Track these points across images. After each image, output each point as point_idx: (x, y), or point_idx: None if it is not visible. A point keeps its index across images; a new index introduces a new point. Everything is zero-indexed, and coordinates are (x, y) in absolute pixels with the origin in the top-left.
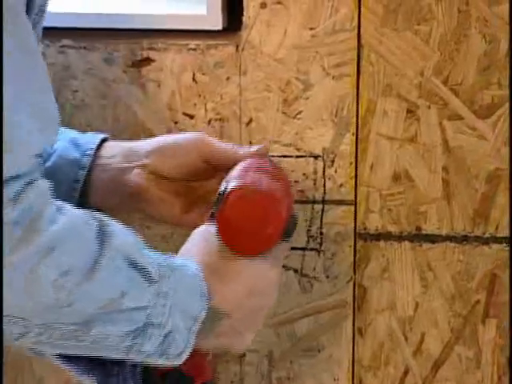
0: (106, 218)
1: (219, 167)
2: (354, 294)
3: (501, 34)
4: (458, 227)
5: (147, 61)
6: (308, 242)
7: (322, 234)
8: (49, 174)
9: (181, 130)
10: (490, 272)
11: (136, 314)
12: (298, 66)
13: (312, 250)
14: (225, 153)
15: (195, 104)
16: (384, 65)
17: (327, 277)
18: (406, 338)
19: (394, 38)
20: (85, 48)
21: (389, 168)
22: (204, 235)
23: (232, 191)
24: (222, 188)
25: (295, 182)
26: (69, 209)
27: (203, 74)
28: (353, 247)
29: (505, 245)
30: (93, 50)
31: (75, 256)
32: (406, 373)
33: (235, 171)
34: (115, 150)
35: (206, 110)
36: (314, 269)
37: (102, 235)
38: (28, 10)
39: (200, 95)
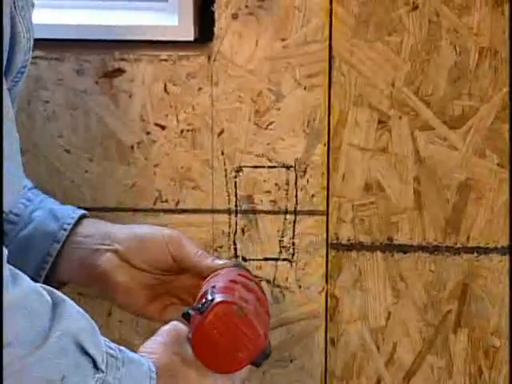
0: (63, 297)
1: (188, 269)
2: (326, 305)
3: (471, 45)
4: (430, 237)
5: (118, 72)
6: (280, 252)
7: (294, 244)
8: (24, 243)
9: (153, 141)
10: (462, 282)
11: None
12: (269, 76)
13: (284, 260)
14: (195, 258)
15: (167, 115)
16: (355, 75)
17: (299, 287)
18: (378, 348)
19: (365, 48)
20: (56, 59)
21: (360, 178)
22: (173, 336)
23: (219, 303)
24: (209, 297)
25: (267, 192)
26: (24, 279)
27: (175, 84)
28: (325, 257)
29: (476, 254)
30: (64, 61)
31: (22, 329)
32: (378, 383)
33: (222, 280)
34: (92, 229)
35: (177, 121)
36: (287, 279)
37: (54, 313)
38: (7, 73)
39: (172, 106)
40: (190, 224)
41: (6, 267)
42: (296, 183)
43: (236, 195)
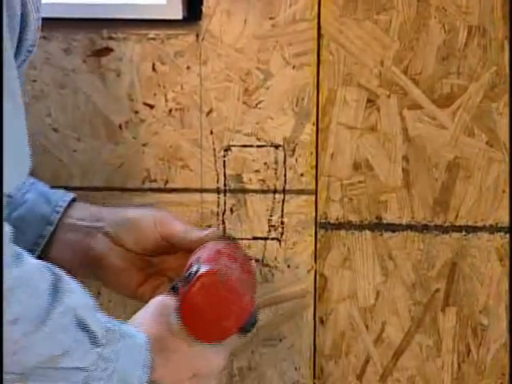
0: (63, 274)
1: (178, 246)
2: (315, 284)
3: (460, 24)
4: (419, 216)
5: (106, 50)
6: (269, 231)
7: (283, 223)
8: (16, 224)
9: (142, 120)
10: (450, 261)
11: (74, 375)
12: (258, 55)
13: (273, 239)
14: (183, 234)
15: (155, 94)
16: (344, 54)
17: (288, 266)
18: (367, 327)
19: (354, 27)
20: (44, 38)
21: (349, 157)
22: (161, 308)
23: (203, 274)
24: (194, 268)
25: (256, 171)
26: (27, 257)
27: (163, 63)
28: (314, 236)
29: (464, 233)
30: (52, 40)
31: (27, 306)
32: (366, 361)
33: (207, 252)
34: (83, 212)
35: (166, 100)
36: (275, 258)
37: (56, 290)
38: (17, 53)
39: (160, 85)
40: (179, 203)
41: (11, 246)
42: (285, 162)
43: (225, 174)
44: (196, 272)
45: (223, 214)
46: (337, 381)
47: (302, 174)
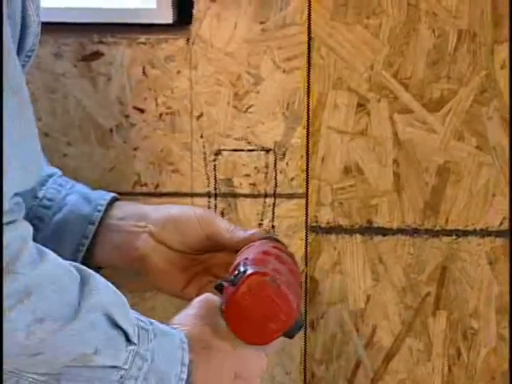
0: (91, 272)
1: (222, 245)
2: (305, 287)
3: (450, 28)
4: (409, 220)
5: (97, 55)
6: None
7: (273, 227)
8: (59, 227)
9: (132, 125)
10: (441, 264)
11: (109, 374)
12: (248, 59)
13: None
14: (228, 233)
15: (146, 98)
16: (334, 58)
17: None
18: (358, 331)
19: (344, 31)
20: None
21: (340, 161)
22: (206, 307)
23: (252, 274)
24: (241, 268)
25: (246, 175)
26: (52, 255)
27: (153, 67)
28: (304, 240)
29: (454, 237)
30: (42, 44)
31: (52, 304)
32: (357, 365)
33: (254, 252)
34: (125, 211)
35: (156, 104)
36: None
37: (84, 287)
38: (17, 54)
39: (150, 89)
40: None
41: (33, 244)
42: (275, 166)
43: (215, 178)
44: (244, 272)
45: None
46: None
47: (292, 178)
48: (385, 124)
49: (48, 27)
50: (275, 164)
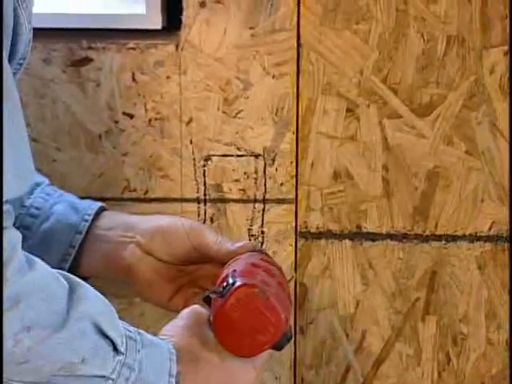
0: (79, 281)
1: (209, 256)
2: (295, 293)
3: (439, 34)
4: (398, 225)
5: (86, 60)
6: (249, 240)
7: (263, 232)
8: (46, 236)
9: (121, 130)
10: (430, 269)
11: (97, 383)
12: (237, 65)
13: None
14: (216, 245)
15: (135, 103)
16: (323, 64)
17: None
18: (348, 336)
19: (333, 37)
20: None
21: (329, 166)
22: (194, 319)
23: (241, 286)
24: (230, 280)
25: (236, 180)
26: (40, 263)
27: (143, 73)
28: (294, 246)
29: (444, 242)
30: (31, 50)
31: (41, 312)
32: (347, 370)
33: (243, 264)
34: (113, 221)
35: (146, 110)
36: None
37: (72, 296)
38: (9, 61)
39: (140, 94)
40: (159, 213)
41: (22, 252)
42: (265, 172)
43: (205, 184)
44: (233, 284)
45: (203, 224)
46: None
47: (281, 184)
48: (374, 129)
49: (37, 33)
50: (265, 169)
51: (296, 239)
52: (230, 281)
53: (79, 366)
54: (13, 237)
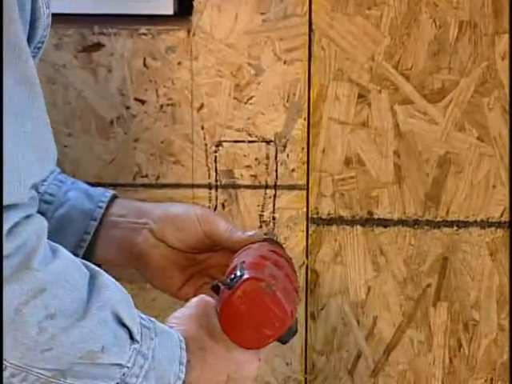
0: (99, 270)
1: (220, 244)
2: (306, 279)
3: (451, 19)
4: (410, 211)
5: (98, 46)
6: (261, 226)
7: (274, 219)
8: (61, 222)
9: (133, 116)
10: (441, 256)
11: (113, 371)
12: (249, 51)
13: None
14: (227, 233)
15: (146, 89)
16: (335, 49)
17: None
18: (359, 322)
19: (345, 22)
20: None
21: (340, 153)
22: (202, 309)
23: (248, 279)
24: (238, 272)
25: (247, 166)
26: (63, 251)
27: (154, 59)
28: (305, 232)
29: (455, 228)
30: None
31: (64, 300)
32: (358, 356)
33: (252, 256)
34: (126, 208)
35: (157, 96)
36: None
37: (93, 285)
38: (28, 44)
39: (151, 80)
40: (170, 199)
41: (47, 241)
42: (276, 158)
43: (216, 170)
44: (240, 277)
45: (215, 210)
46: (328, 376)
47: (293, 170)
48: (386, 115)
49: None
50: (276, 155)
51: (307, 225)
52: (238, 273)
53: (99, 354)
54: (39, 224)
